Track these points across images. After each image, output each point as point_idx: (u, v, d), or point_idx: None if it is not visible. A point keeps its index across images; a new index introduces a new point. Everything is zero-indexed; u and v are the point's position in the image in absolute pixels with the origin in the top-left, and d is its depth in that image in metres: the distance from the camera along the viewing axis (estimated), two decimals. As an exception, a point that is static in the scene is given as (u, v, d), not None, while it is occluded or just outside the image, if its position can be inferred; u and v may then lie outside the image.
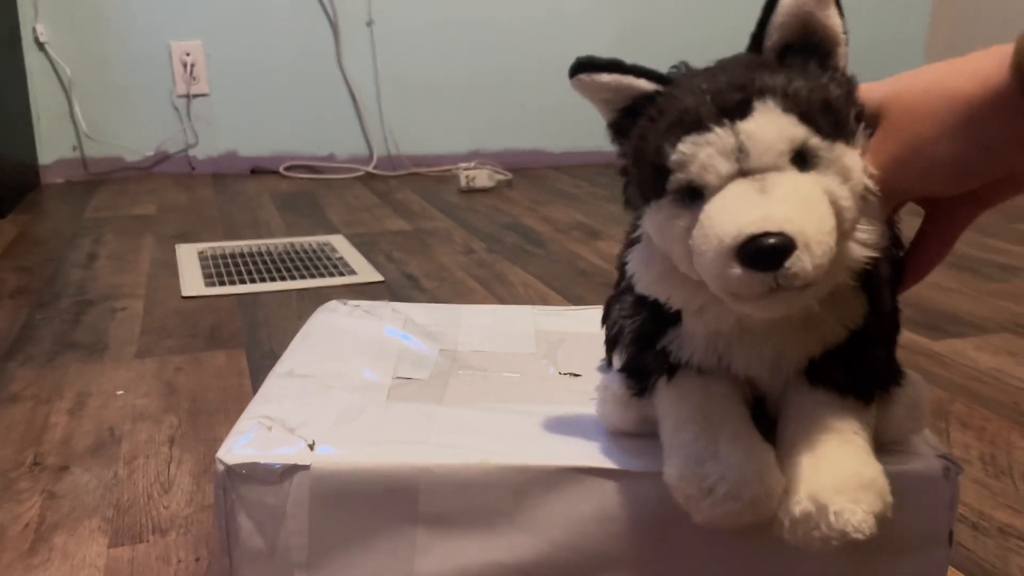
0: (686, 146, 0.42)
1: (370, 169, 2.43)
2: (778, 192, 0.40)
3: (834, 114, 0.43)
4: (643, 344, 0.50)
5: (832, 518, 0.42)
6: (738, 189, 0.41)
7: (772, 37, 0.44)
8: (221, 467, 0.50)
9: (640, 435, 0.51)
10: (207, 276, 1.43)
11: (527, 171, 2.48)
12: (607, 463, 0.50)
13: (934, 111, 0.42)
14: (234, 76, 2.34)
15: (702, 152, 0.41)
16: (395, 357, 0.65)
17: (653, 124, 0.44)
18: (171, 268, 1.48)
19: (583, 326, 0.73)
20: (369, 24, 2.40)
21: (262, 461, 0.50)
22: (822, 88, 0.43)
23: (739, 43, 0.48)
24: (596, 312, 0.77)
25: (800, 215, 0.39)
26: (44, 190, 2.17)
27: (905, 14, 2.80)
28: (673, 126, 0.42)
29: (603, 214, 1.94)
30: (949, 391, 0.99)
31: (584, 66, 0.46)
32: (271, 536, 0.50)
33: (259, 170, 2.41)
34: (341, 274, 1.44)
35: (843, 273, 0.43)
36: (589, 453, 0.51)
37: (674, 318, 0.48)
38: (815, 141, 0.42)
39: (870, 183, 0.44)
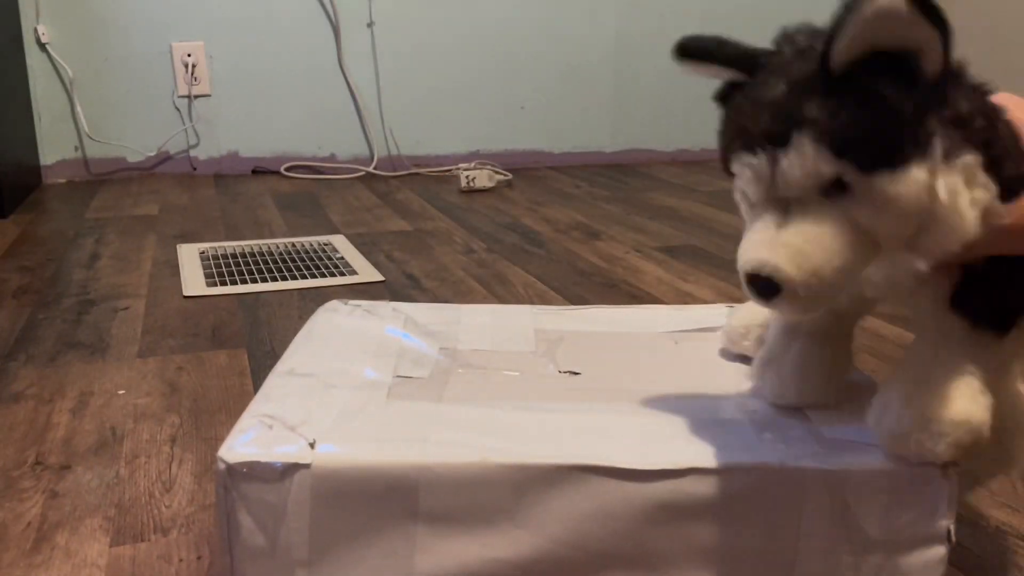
0: (736, 166, 0.48)
1: (371, 169, 2.44)
2: (788, 234, 0.45)
3: (880, 144, 0.43)
4: None
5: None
6: (761, 223, 0.47)
7: (840, 52, 0.43)
8: (222, 465, 0.50)
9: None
10: (208, 276, 1.43)
11: (527, 171, 2.48)
12: (606, 461, 0.50)
13: None
14: (235, 77, 2.35)
15: (745, 174, 0.48)
16: (395, 356, 0.65)
17: (725, 125, 0.50)
18: (173, 268, 1.48)
19: (583, 325, 0.73)
20: (370, 25, 2.41)
21: (263, 459, 0.50)
22: (872, 117, 0.43)
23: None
24: (596, 311, 0.77)
25: (792, 261, 0.45)
26: (46, 190, 2.18)
27: None
28: (732, 140, 0.49)
29: (603, 214, 1.94)
30: (949, 390, 0.99)
31: (684, 51, 0.51)
32: (272, 534, 0.50)
33: (260, 170, 2.41)
34: (342, 274, 1.45)
35: (902, 275, 0.48)
36: (588, 451, 0.51)
37: None
38: (849, 175, 0.44)
39: (942, 195, 0.44)
